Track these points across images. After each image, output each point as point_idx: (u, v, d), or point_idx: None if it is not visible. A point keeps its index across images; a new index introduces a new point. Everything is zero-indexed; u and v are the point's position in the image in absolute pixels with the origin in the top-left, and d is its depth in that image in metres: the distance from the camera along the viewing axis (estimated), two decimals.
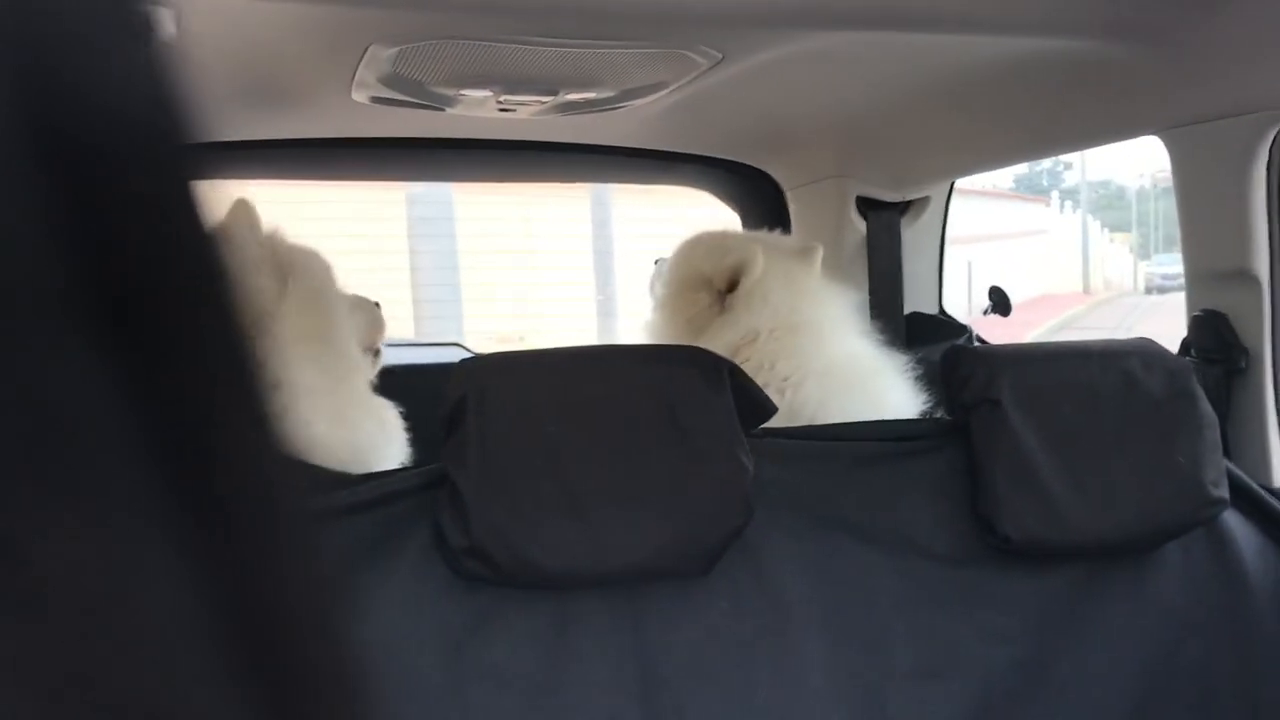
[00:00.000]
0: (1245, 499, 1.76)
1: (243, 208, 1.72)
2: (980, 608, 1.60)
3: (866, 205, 2.74)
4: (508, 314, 11.64)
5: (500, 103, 1.99)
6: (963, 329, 2.76)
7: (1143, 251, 29.88)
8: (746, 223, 2.98)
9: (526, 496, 1.41)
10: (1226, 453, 1.77)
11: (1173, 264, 25.43)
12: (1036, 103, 2.10)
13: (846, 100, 2.25)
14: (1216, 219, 1.90)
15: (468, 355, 2.22)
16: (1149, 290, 24.33)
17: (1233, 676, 1.66)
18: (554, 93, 1.94)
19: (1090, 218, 28.28)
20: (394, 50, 1.70)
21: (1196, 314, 1.97)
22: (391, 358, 2.90)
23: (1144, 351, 1.72)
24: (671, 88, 1.97)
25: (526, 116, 2.15)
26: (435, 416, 1.47)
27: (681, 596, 1.51)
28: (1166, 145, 1.92)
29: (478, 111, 2.10)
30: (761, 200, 2.90)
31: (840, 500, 1.62)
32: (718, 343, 1.86)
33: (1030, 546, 1.60)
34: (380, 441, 1.78)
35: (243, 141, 2.44)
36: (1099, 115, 2.02)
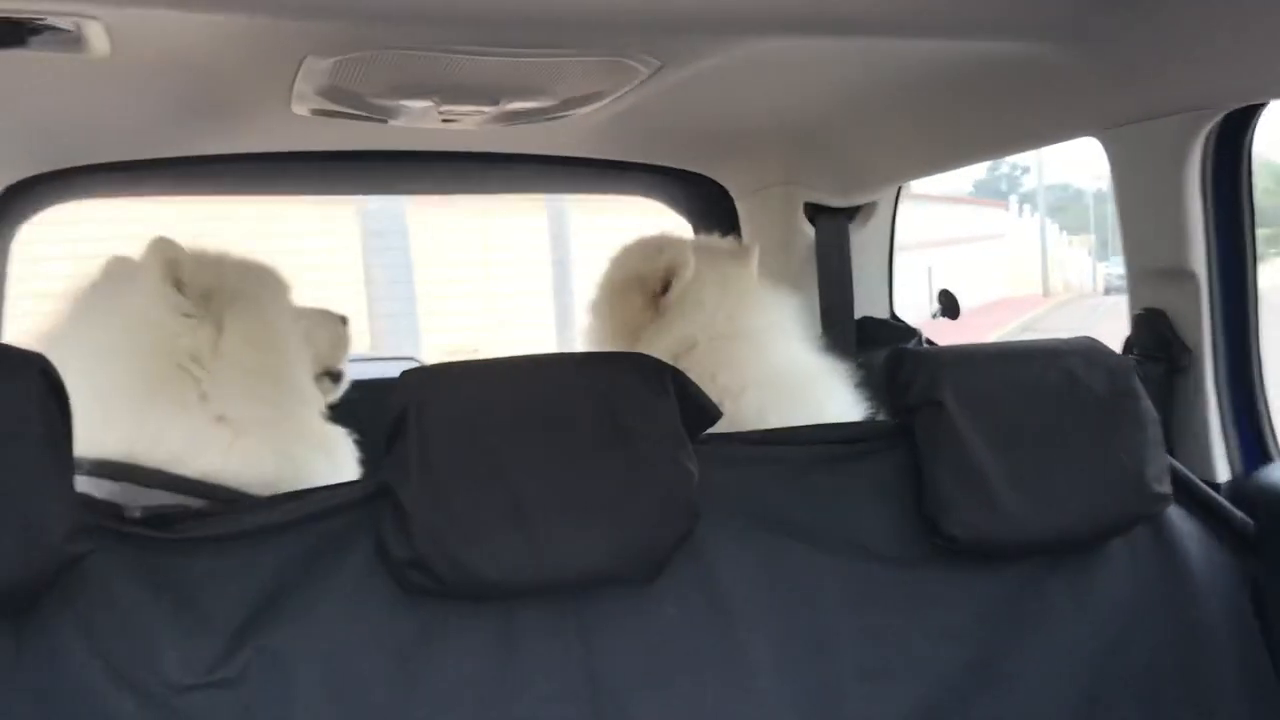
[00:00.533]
0: (1188, 495, 1.78)
1: (158, 250, 1.64)
2: (928, 608, 1.61)
3: (815, 211, 2.75)
4: (463, 327, 11.61)
5: (442, 113, 1.99)
6: (912, 333, 2.78)
7: (1101, 253, 30.25)
8: (697, 231, 2.98)
9: (468, 507, 1.40)
10: (1169, 449, 1.79)
11: None
12: (978, 106, 2.11)
13: (790, 107, 2.26)
14: (1154, 218, 1.92)
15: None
16: (1108, 291, 24.56)
17: (1180, 669, 1.67)
18: (495, 102, 1.94)
19: (1049, 221, 28.58)
20: (330, 61, 1.68)
21: (1138, 312, 1.99)
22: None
23: (1086, 350, 1.73)
24: (613, 96, 1.97)
25: (471, 127, 2.14)
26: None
27: (628, 603, 1.50)
28: (1104, 146, 1.95)
29: (421, 123, 2.09)
30: (711, 208, 2.90)
31: (786, 504, 1.62)
32: (656, 349, 1.85)
33: (976, 546, 1.61)
34: (328, 475, 1.69)
35: (184, 158, 2.42)
36: (1040, 117, 2.04)
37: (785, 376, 1.94)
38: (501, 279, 12.50)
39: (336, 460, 1.78)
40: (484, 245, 12.36)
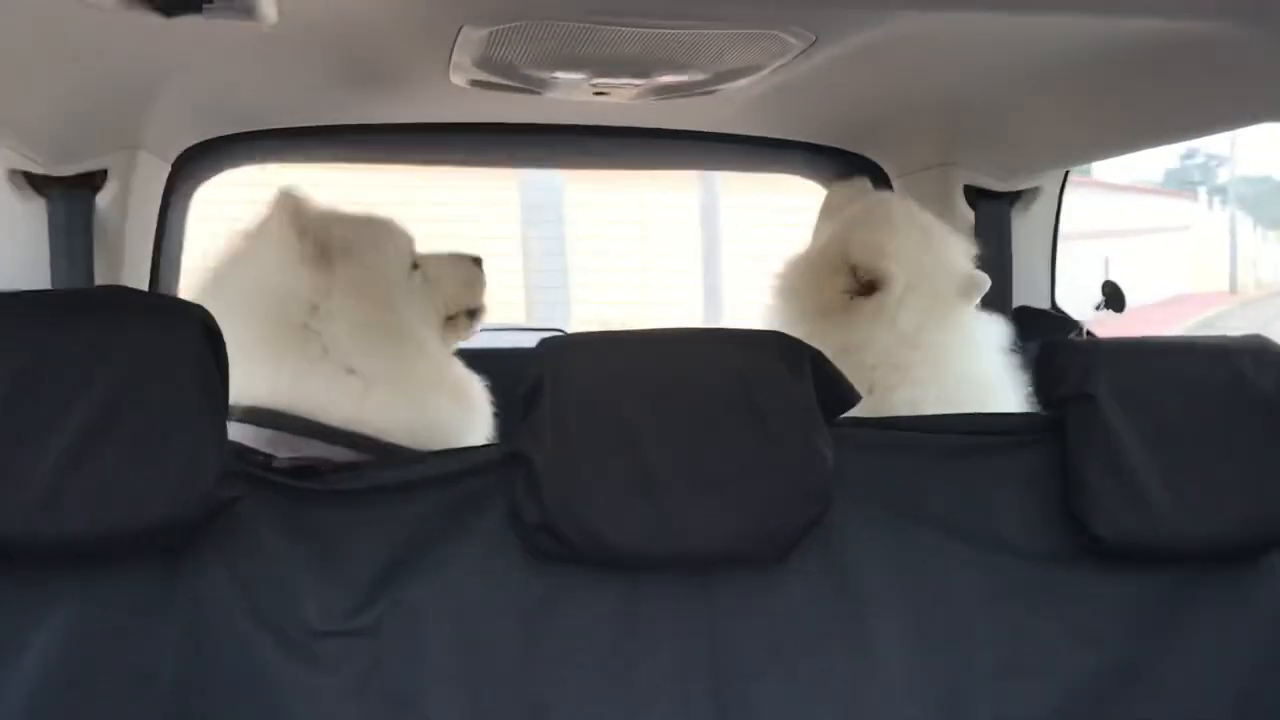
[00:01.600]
0: None
1: (284, 202, 1.73)
2: (1068, 608, 1.55)
3: (975, 194, 2.67)
4: (615, 300, 11.72)
5: (594, 85, 2.00)
6: (1073, 324, 2.67)
7: None
8: None
9: (599, 475, 1.41)
10: None
11: None
12: (1151, 88, 2.01)
13: (950, 85, 2.19)
14: None
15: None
16: None
17: None
18: (647, 75, 1.94)
19: (1243, 214, 26.95)
20: (486, 31, 1.71)
21: None
22: (494, 341, 2.95)
23: (1257, 349, 1.63)
24: (766, 70, 1.95)
25: (623, 100, 2.15)
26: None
27: (756, 582, 1.49)
28: None
29: (574, 95, 2.11)
30: None
31: (925, 493, 1.58)
32: (833, 341, 1.81)
33: (1124, 548, 1.54)
34: (458, 420, 1.78)
35: (348, 126, 2.50)
36: (1218, 100, 1.93)
37: (963, 389, 1.91)
38: (652, 255, 12.57)
39: (468, 407, 1.83)
40: (636, 220, 12.44)
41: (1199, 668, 1.54)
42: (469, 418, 1.83)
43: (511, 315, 8.34)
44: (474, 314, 2.01)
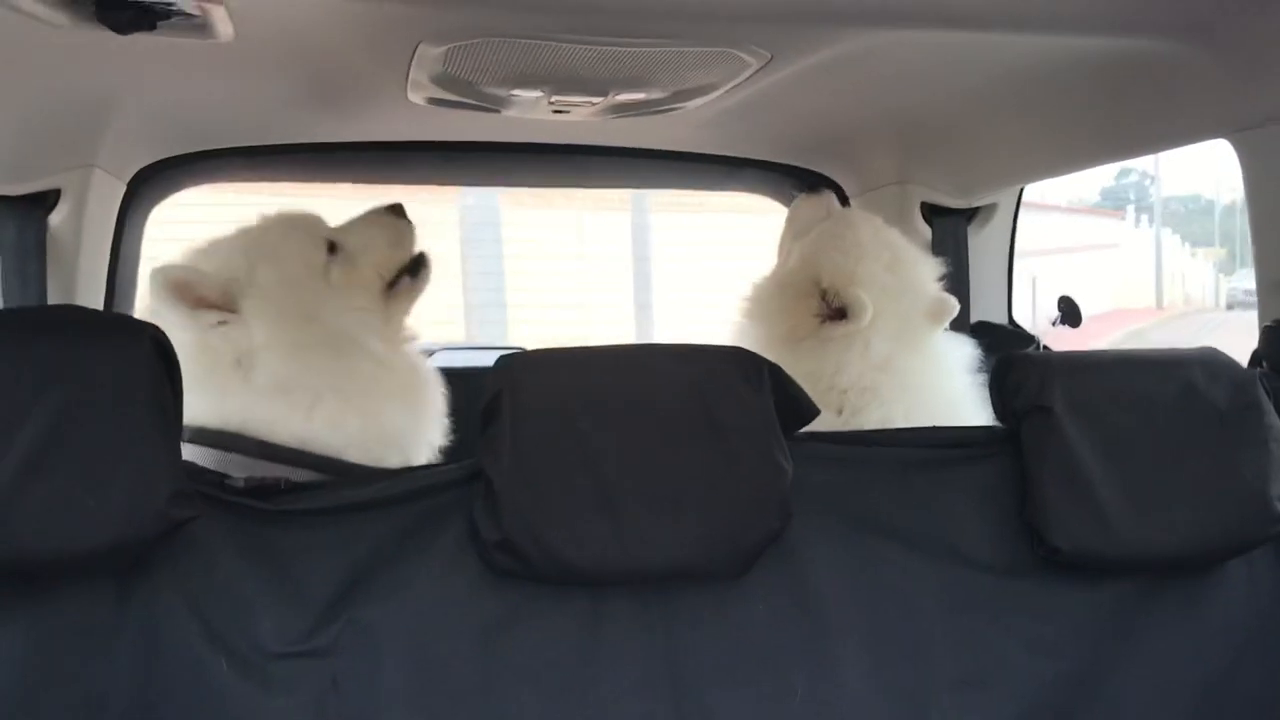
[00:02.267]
0: None
1: (160, 280, 1.64)
2: (1026, 619, 1.55)
3: (932, 211, 2.70)
4: (551, 320, 11.85)
5: (553, 103, 2.00)
6: (1030, 339, 2.70)
7: (1229, 267, 28.80)
8: None
9: (559, 492, 1.40)
10: None
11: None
12: (1103, 105, 2.04)
13: (906, 103, 2.22)
14: None
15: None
16: (1230, 306, 23.69)
17: None
18: (605, 93, 1.94)
19: (1171, 232, 27.41)
20: (443, 49, 1.71)
21: (1268, 324, 1.89)
22: (455, 360, 2.94)
23: (1208, 361, 1.65)
24: (724, 89, 1.96)
25: (581, 119, 2.15)
26: None
27: (716, 598, 1.49)
28: (1236, 149, 1.86)
29: (532, 113, 2.11)
30: None
31: (884, 506, 1.58)
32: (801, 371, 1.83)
33: (1080, 558, 1.55)
34: (411, 422, 1.75)
35: (306, 145, 2.49)
36: (1167, 118, 1.96)
37: (933, 408, 1.93)
38: (587, 274, 12.71)
39: (420, 405, 1.80)
40: (572, 240, 12.60)
41: (1156, 677, 1.55)
42: (422, 417, 1.80)
43: (451, 334, 8.39)
44: (415, 269, 1.92)
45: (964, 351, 2.07)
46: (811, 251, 2.11)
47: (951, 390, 1.98)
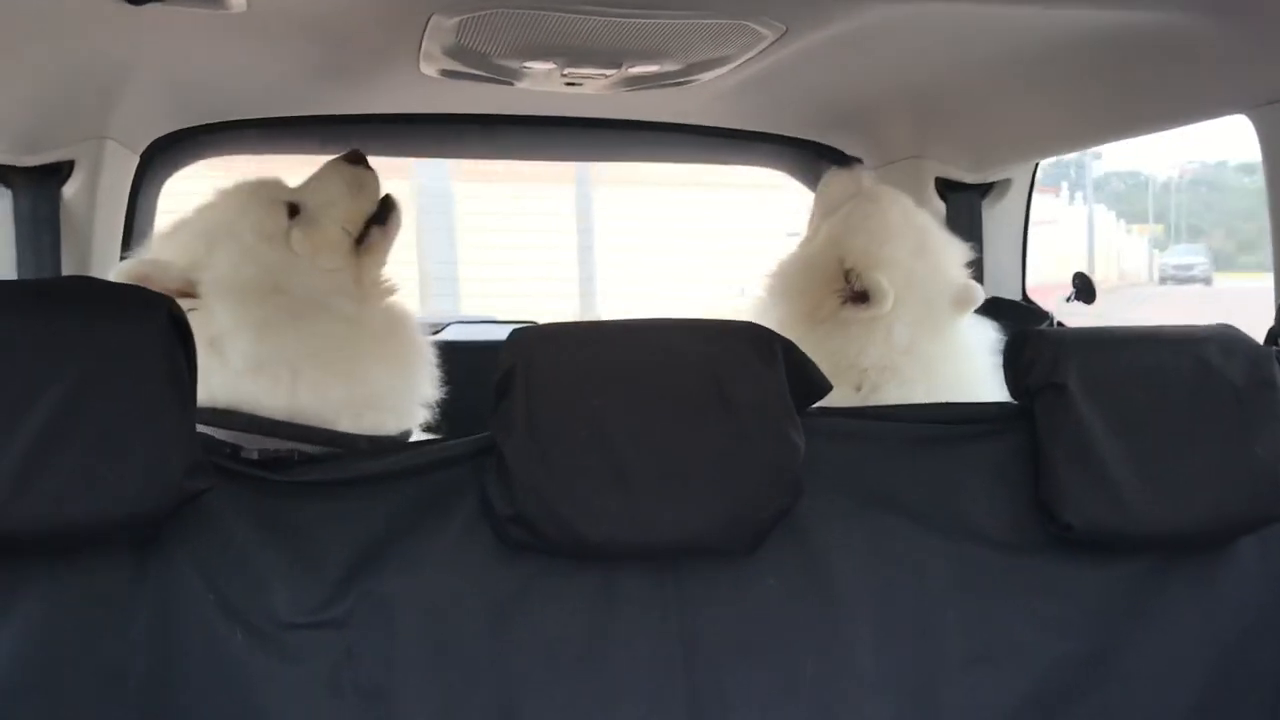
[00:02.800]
0: None
1: (124, 275, 1.61)
2: (1038, 597, 1.55)
3: (946, 186, 2.68)
4: (502, 292, 11.97)
5: (565, 75, 1.99)
6: (1044, 316, 2.69)
7: (1165, 243, 28.99)
8: None
9: (571, 466, 1.41)
10: None
11: (1188, 255, 24.65)
12: (1119, 80, 2.02)
13: (921, 76, 2.20)
14: None
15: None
16: (1163, 280, 23.90)
17: None
18: (618, 65, 1.93)
19: (1108, 209, 27.55)
20: (456, 20, 1.70)
21: None
22: (463, 335, 2.93)
23: (1223, 338, 1.64)
24: (738, 62, 1.95)
25: (594, 91, 2.14)
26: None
27: (728, 573, 1.49)
28: (1255, 124, 1.84)
29: (545, 86, 2.10)
30: None
31: (896, 482, 1.58)
32: (823, 350, 1.79)
33: (1093, 536, 1.55)
34: (397, 382, 1.71)
35: (318, 117, 2.49)
36: (1184, 93, 1.95)
37: (953, 389, 1.91)
38: (530, 249, 12.82)
39: (403, 364, 1.75)
40: (519, 214, 12.76)
41: (1167, 654, 1.55)
42: (408, 373, 1.75)
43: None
44: (383, 216, 1.83)
45: (986, 334, 2.05)
46: (838, 231, 2.07)
47: (973, 372, 1.96)
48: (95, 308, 1.34)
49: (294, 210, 1.76)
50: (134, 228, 2.46)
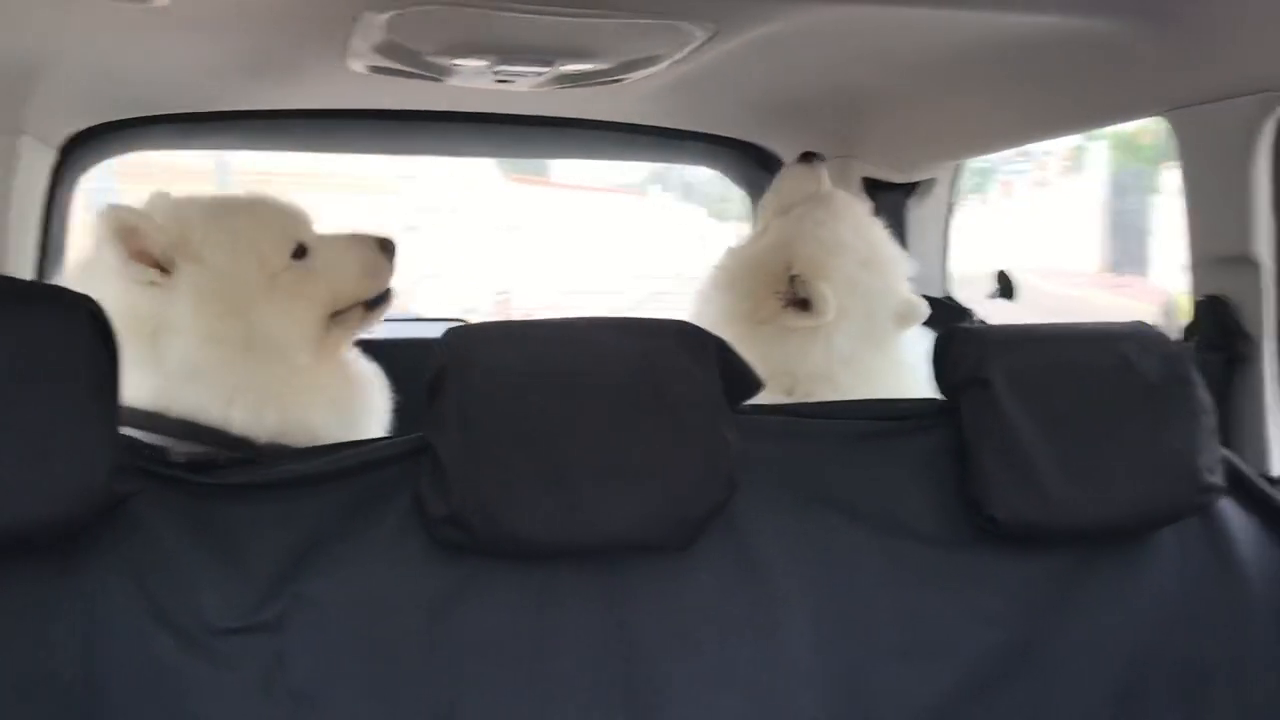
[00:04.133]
0: (1242, 488, 1.73)
1: (108, 220, 1.57)
2: (967, 589, 1.58)
3: (872, 185, 2.72)
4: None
5: (497, 73, 1.99)
6: (966, 312, 2.75)
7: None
8: (755, 201, 2.96)
9: (507, 466, 1.40)
10: (1225, 440, 1.74)
11: None
12: (1042, 82, 2.07)
13: (849, 77, 2.23)
14: (1220, 202, 1.87)
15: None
16: None
17: (1224, 668, 1.63)
18: (550, 63, 1.93)
19: (699, 207, 29.62)
20: (386, 16, 1.69)
21: (1199, 299, 1.94)
22: (390, 332, 2.91)
23: (1141, 335, 1.69)
24: (668, 61, 1.96)
25: (526, 89, 2.14)
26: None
27: (663, 569, 1.49)
28: (1171, 126, 1.90)
29: (476, 83, 2.09)
30: (767, 178, 2.86)
31: (827, 478, 1.60)
32: (760, 351, 1.80)
33: (1018, 529, 1.58)
34: (339, 425, 1.67)
35: (243, 112, 2.45)
36: (1104, 95, 2.00)
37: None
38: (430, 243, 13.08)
39: (351, 410, 1.72)
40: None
41: (1091, 642, 1.59)
42: (354, 421, 1.72)
43: None
44: (374, 305, 1.83)
45: (925, 344, 2.08)
46: (789, 234, 2.07)
47: (910, 386, 1.98)
48: (14, 307, 1.30)
49: (300, 252, 1.72)
50: (50, 224, 2.40)
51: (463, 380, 1.42)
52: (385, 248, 1.84)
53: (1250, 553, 1.69)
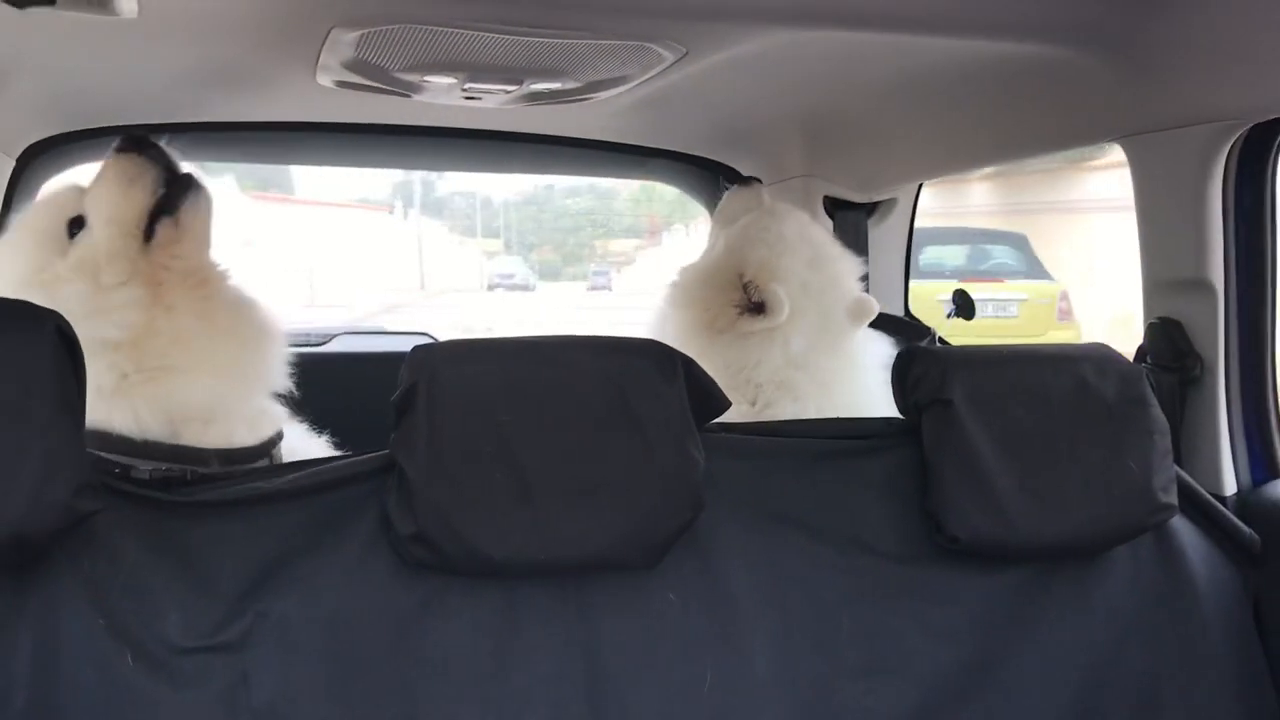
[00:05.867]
0: (1195, 506, 1.77)
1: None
2: (927, 606, 1.61)
3: (834, 205, 2.75)
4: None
5: (465, 91, 1.99)
6: (926, 331, 2.77)
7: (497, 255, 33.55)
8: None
9: (474, 484, 1.40)
10: (1178, 460, 1.78)
11: (509, 266, 28.94)
12: (1000, 107, 2.11)
13: (813, 99, 2.26)
14: (1174, 228, 1.91)
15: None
16: (491, 288, 27.54)
17: (1176, 682, 1.67)
18: (519, 82, 1.94)
19: (445, 225, 31.90)
20: (356, 34, 1.69)
21: (1152, 321, 1.98)
22: (359, 345, 2.91)
23: (1098, 357, 1.72)
24: (637, 81, 1.97)
25: (494, 106, 2.14)
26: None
27: (629, 588, 1.50)
28: (1126, 152, 1.93)
29: (444, 99, 2.09)
30: None
31: (791, 496, 1.62)
32: (721, 361, 1.86)
33: (978, 546, 1.60)
34: (226, 386, 1.63)
35: (208, 124, 2.43)
36: (1061, 121, 2.04)
37: (846, 405, 1.97)
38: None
39: (222, 368, 1.63)
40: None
41: (1048, 659, 1.62)
42: (239, 378, 1.63)
43: None
44: (172, 204, 1.62)
45: (880, 349, 2.11)
46: (736, 243, 2.11)
47: (866, 388, 2.02)
48: None
49: (78, 224, 1.61)
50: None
51: (431, 398, 1.42)
52: (133, 146, 1.64)
53: (1201, 570, 1.73)
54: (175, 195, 1.62)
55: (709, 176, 2.90)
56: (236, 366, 1.64)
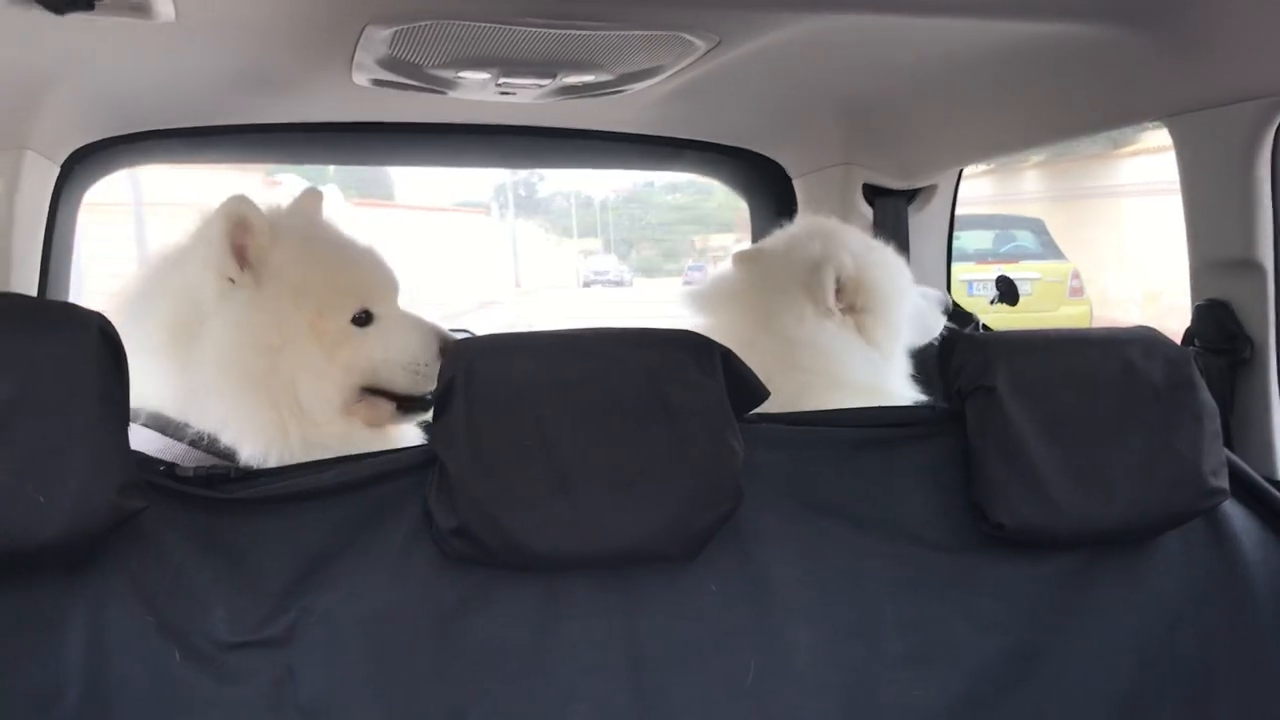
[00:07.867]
0: (1247, 490, 1.74)
1: (228, 210, 1.56)
2: (972, 595, 1.59)
3: (874, 192, 2.73)
4: None
5: (500, 85, 1.99)
6: (969, 318, 2.75)
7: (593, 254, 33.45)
8: (754, 210, 2.97)
9: (514, 478, 1.41)
10: (1228, 443, 1.75)
11: (604, 264, 29.42)
12: (1041, 89, 2.08)
13: (850, 86, 2.24)
14: (1221, 207, 1.88)
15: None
16: (587, 284, 27.56)
17: (1229, 670, 1.64)
18: (552, 75, 1.94)
19: (539, 225, 32.50)
20: (390, 31, 1.69)
21: (1200, 303, 1.95)
22: None
23: (1145, 340, 1.69)
24: (671, 71, 1.96)
25: (528, 100, 2.15)
26: None
27: (670, 580, 1.50)
28: (1170, 132, 1.90)
29: (479, 95, 2.10)
30: (769, 187, 2.89)
31: (832, 486, 1.61)
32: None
33: (1024, 534, 1.58)
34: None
35: (247, 125, 2.46)
36: (1105, 101, 2.00)
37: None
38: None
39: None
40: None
41: (1095, 647, 1.60)
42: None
43: None
44: (408, 408, 1.73)
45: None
46: (830, 249, 2.07)
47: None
48: (25, 325, 1.31)
49: (364, 319, 1.68)
50: (54, 239, 2.41)
51: (470, 392, 1.42)
52: (445, 352, 1.68)
53: (1255, 555, 1.70)
54: (422, 402, 1.74)
55: (746, 167, 2.88)
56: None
